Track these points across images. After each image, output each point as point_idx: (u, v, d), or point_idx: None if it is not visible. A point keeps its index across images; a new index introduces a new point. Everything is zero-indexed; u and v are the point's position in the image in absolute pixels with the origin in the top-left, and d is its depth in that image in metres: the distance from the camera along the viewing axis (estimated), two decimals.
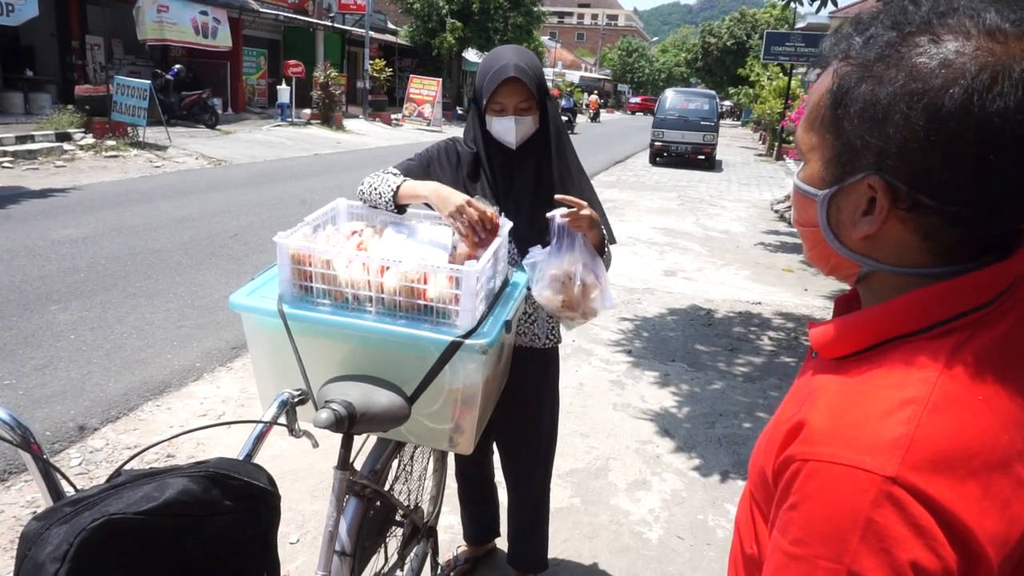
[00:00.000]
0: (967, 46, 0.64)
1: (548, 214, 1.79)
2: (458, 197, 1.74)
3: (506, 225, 1.85)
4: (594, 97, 42.22)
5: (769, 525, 0.74)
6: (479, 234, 1.73)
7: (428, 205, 1.86)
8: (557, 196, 1.80)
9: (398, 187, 1.84)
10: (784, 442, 0.71)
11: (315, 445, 1.43)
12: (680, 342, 5.10)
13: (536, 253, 1.84)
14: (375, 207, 1.90)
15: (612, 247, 2.00)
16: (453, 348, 1.57)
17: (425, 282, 1.60)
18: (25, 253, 5.94)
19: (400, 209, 1.87)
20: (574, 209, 1.75)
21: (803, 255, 0.87)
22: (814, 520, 0.66)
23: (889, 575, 0.61)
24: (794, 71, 21.10)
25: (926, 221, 0.68)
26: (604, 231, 1.91)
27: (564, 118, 25.24)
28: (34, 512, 2.11)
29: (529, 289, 1.88)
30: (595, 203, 1.94)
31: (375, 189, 1.88)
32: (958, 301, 0.70)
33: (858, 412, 0.68)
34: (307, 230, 1.78)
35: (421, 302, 1.61)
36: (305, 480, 3.03)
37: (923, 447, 0.63)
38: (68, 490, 1.03)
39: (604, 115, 52.69)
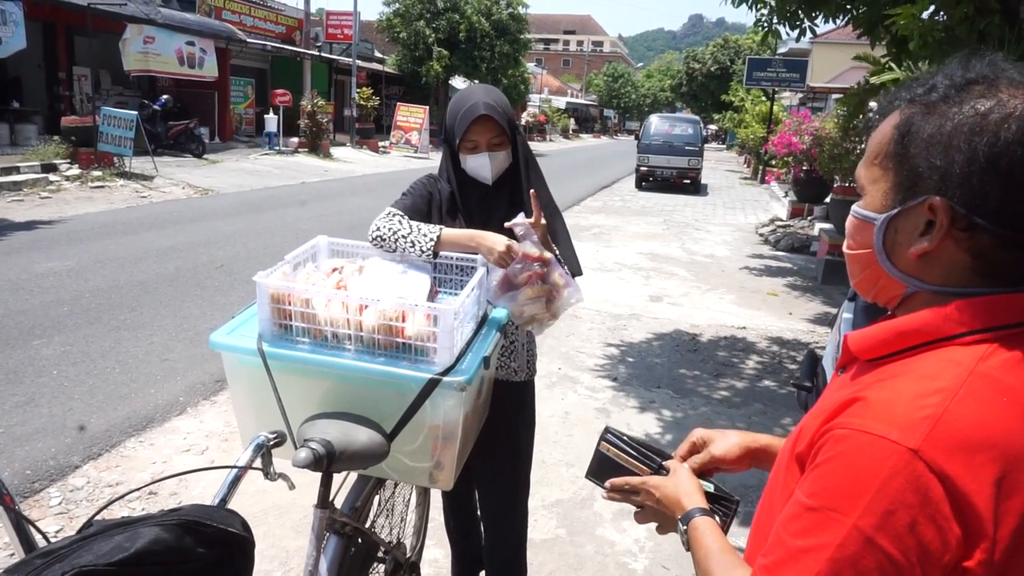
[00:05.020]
0: (1018, 93, 0.77)
1: (508, 223, 1.83)
2: (500, 243, 1.79)
3: (484, 261, 1.87)
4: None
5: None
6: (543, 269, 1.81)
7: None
8: (531, 192, 1.86)
9: (438, 237, 1.84)
10: (828, 418, 0.79)
11: (291, 487, 1.43)
12: (665, 368, 5.12)
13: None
14: (395, 251, 1.89)
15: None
16: (432, 385, 1.59)
17: (403, 320, 1.62)
18: (8, 287, 5.91)
19: (435, 255, 1.87)
20: (531, 220, 1.80)
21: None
22: (833, 478, 0.74)
23: (890, 536, 0.69)
24: (776, 96, 21.41)
25: (978, 241, 0.78)
26: (569, 263, 1.98)
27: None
28: (9, 559, 2.09)
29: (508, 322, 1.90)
30: (563, 233, 1.99)
31: (403, 237, 1.86)
32: (994, 315, 0.79)
33: (892, 394, 0.76)
34: (287, 268, 1.80)
35: (400, 340, 1.63)
36: (288, 515, 3.01)
37: (948, 429, 0.71)
38: (40, 541, 1.03)
39: (591, 139, 53.21)
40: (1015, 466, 0.71)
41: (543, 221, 1.86)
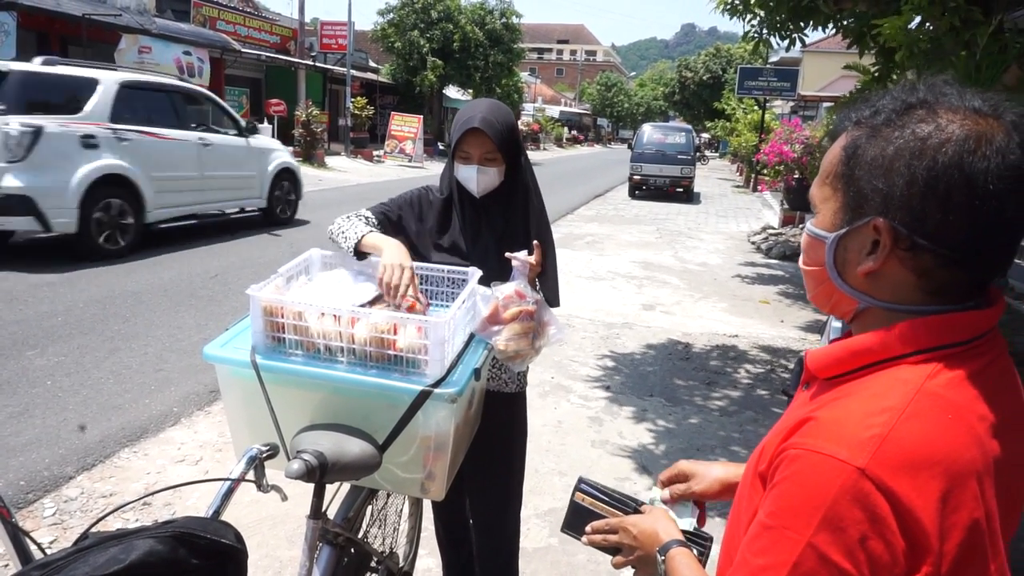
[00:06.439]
0: (956, 118, 0.79)
1: (509, 254, 1.85)
2: (404, 259, 1.82)
3: (475, 274, 1.90)
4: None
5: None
6: (393, 298, 1.79)
7: None
8: (535, 242, 1.90)
9: (362, 236, 1.92)
10: (785, 437, 0.82)
11: (284, 498, 1.45)
12: (658, 377, 5.15)
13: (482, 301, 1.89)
14: (340, 247, 1.98)
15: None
16: (423, 397, 1.61)
17: (395, 332, 1.64)
18: (2, 297, 5.90)
19: (360, 256, 1.94)
20: (532, 258, 1.83)
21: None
22: (788, 497, 0.77)
23: (842, 551, 0.73)
24: (767, 104, 21.55)
25: (921, 260, 0.81)
26: (550, 292, 2.02)
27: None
28: (4, 570, 2.10)
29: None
30: (552, 259, 2.03)
31: (343, 232, 1.96)
32: (941, 334, 0.81)
33: (843, 413, 0.80)
34: (280, 282, 1.83)
35: (391, 352, 1.65)
36: (282, 525, 3.02)
37: (893, 447, 0.74)
38: (36, 553, 1.05)
39: (584, 148, 53.30)
40: (960, 482, 0.74)
41: (536, 268, 1.91)
